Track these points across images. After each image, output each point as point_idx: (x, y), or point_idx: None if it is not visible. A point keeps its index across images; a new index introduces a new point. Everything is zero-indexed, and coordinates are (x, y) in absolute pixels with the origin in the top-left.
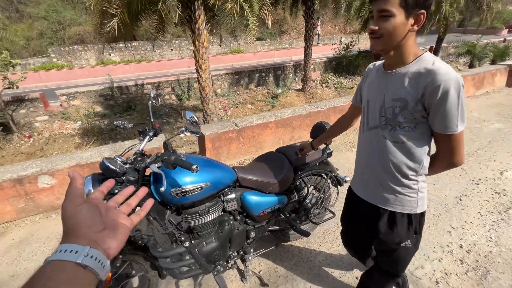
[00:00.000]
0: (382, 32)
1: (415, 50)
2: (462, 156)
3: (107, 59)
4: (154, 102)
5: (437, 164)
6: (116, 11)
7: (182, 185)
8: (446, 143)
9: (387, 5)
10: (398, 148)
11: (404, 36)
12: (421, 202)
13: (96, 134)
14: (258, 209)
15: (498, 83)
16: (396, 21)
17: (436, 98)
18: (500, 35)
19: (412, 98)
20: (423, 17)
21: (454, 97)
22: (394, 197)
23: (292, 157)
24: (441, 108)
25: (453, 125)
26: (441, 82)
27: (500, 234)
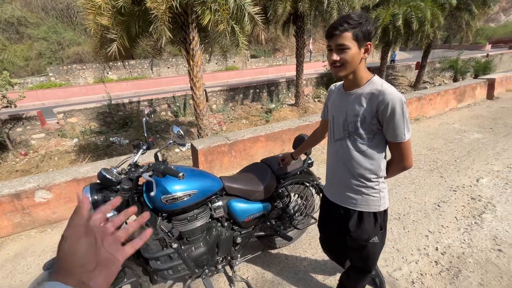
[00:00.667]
0: (342, 62)
1: (366, 74)
2: (411, 160)
3: (105, 77)
4: (148, 119)
5: (392, 168)
6: (115, 36)
7: (172, 192)
8: (397, 149)
9: (343, 40)
10: (360, 156)
11: (359, 63)
12: (383, 201)
13: (92, 151)
14: (243, 215)
15: (478, 96)
16: (352, 52)
17: (387, 113)
18: (484, 50)
19: (368, 114)
20: (370, 46)
21: (399, 112)
22: (361, 198)
23: (275, 167)
24: (391, 122)
25: (401, 135)
26: (389, 100)
27: (473, 237)
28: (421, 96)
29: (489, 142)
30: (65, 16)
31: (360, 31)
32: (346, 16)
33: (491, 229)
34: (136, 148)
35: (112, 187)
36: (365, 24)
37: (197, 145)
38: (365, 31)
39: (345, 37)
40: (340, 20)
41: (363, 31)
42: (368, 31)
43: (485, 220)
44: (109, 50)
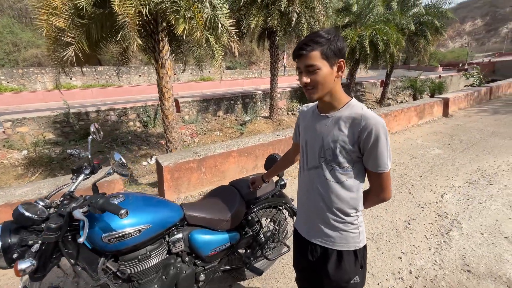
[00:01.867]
0: (313, 84)
1: (343, 96)
2: (390, 192)
3: (67, 83)
4: (94, 137)
5: (369, 200)
6: (72, 39)
7: (115, 230)
8: (377, 180)
9: (312, 61)
10: (339, 187)
11: (333, 83)
12: (363, 236)
13: (44, 164)
14: (207, 249)
15: (436, 113)
16: (324, 72)
17: (370, 141)
18: (437, 72)
19: (349, 140)
20: (343, 63)
21: (383, 139)
22: (339, 235)
23: (244, 191)
24: (374, 150)
25: (384, 164)
26: (372, 126)
27: (443, 257)
28: (388, 112)
29: (449, 158)
30: (23, 16)
31: (329, 49)
32: (312, 34)
33: (459, 247)
34: (75, 173)
35: (33, 227)
36: (334, 41)
37: (162, 161)
38: (334, 48)
39: (313, 56)
40: (306, 39)
41: (333, 48)
42: (339, 48)
43: (453, 238)
44: (65, 55)
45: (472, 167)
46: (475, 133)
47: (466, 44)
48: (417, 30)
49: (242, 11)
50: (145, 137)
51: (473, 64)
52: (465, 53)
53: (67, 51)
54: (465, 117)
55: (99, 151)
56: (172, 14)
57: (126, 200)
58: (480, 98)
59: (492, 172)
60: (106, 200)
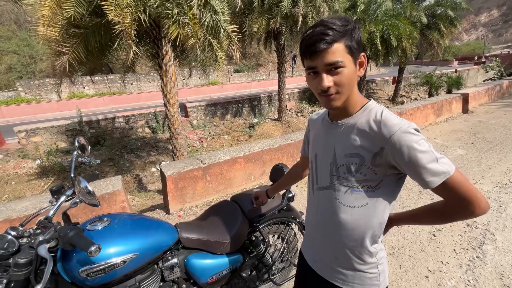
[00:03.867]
0: (337, 88)
1: (360, 98)
2: (480, 200)
3: (80, 92)
4: (79, 153)
5: (451, 216)
6: (67, 49)
7: (96, 262)
8: (447, 192)
9: (336, 57)
10: (356, 213)
11: (355, 82)
12: (383, 277)
13: (56, 173)
14: (206, 275)
15: (455, 110)
16: (349, 71)
17: (400, 153)
18: (452, 66)
19: (368, 153)
20: (365, 58)
21: (416, 146)
22: (352, 274)
23: (247, 207)
24: (413, 163)
25: (437, 172)
26: (397, 135)
27: (477, 276)
28: (402, 111)
29: (473, 159)
30: None
31: (353, 40)
32: (325, 22)
33: (495, 264)
34: (55, 194)
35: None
36: (355, 29)
37: (166, 170)
38: (357, 39)
39: (337, 51)
40: (321, 28)
41: (356, 39)
42: (359, 39)
43: (487, 253)
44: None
45: (501, 168)
46: (500, 130)
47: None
48: (430, 23)
49: (245, 14)
50: (154, 143)
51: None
52: (481, 46)
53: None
54: (487, 113)
55: (109, 159)
56: (165, 19)
57: (111, 224)
58: (502, 92)
59: None
60: (75, 233)
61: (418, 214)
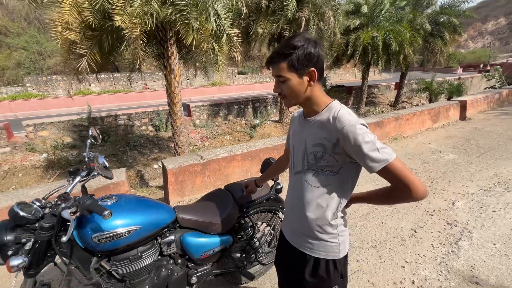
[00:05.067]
0: (285, 93)
1: (324, 100)
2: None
3: (86, 89)
4: (93, 141)
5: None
6: (85, 51)
7: (105, 230)
8: (388, 176)
9: (280, 72)
10: (320, 192)
11: (305, 91)
12: (343, 246)
13: (62, 167)
14: (199, 252)
15: (452, 117)
16: (292, 82)
17: (350, 143)
18: (456, 74)
19: (328, 143)
20: (315, 73)
21: (361, 139)
22: (318, 243)
23: (238, 194)
24: (359, 152)
25: (378, 159)
26: (346, 128)
27: (450, 268)
28: (398, 116)
29: (463, 163)
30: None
31: (297, 59)
32: (283, 44)
33: (468, 258)
34: (72, 175)
35: (27, 225)
36: (302, 49)
37: (167, 164)
38: (302, 56)
39: (281, 68)
40: (276, 49)
41: (301, 58)
42: (308, 55)
43: (462, 248)
44: (79, 65)
45: (488, 173)
46: (494, 137)
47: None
48: (433, 30)
49: (251, 17)
50: (156, 141)
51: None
52: (487, 54)
53: (80, 61)
54: (484, 120)
55: (113, 154)
56: (181, 26)
57: (118, 201)
58: (502, 101)
59: (510, 179)
60: (92, 202)
61: (371, 195)
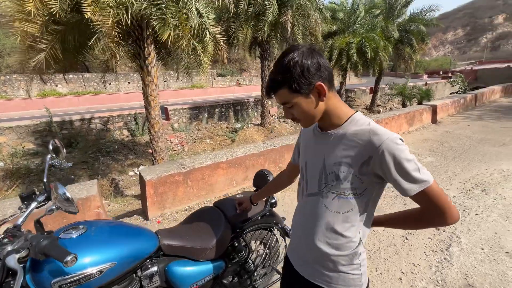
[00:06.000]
0: (298, 118)
1: (344, 110)
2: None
3: (51, 90)
4: (53, 156)
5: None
6: (45, 46)
7: (69, 273)
8: (424, 201)
9: (283, 99)
10: (341, 218)
11: (319, 107)
12: (365, 278)
13: (22, 176)
14: (187, 283)
15: (425, 120)
16: (301, 105)
17: (386, 161)
18: (422, 79)
19: (357, 162)
20: (322, 86)
21: (402, 156)
22: (336, 276)
23: (230, 213)
24: (397, 171)
25: (417, 180)
26: (385, 144)
27: (445, 277)
28: (379, 120)
29: (441, 166)
30: None
31: (295, 82)
32: (275, 68)
33: (461, 265)
34: (25, 201)
35: None
36: (296, 66)
37: (145, 174)
38: (299, 75)
39: (282, 95)
40: (270, 75)
41: (297, 77)
42: (307, 71)
43: (453, 254)
44: (35, 60)
45: (465, 175)
46: (464, 140)
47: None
48: (403, 38)
49: (230, 21)
50: (132, 146)
51: (456, 72)
52: (448, 62)
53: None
54: (453, 123)
55: (83, 162)
56: (156, 21)
57: (87, 231)
58: (466, 105)
59: (485, 181)
60: (50, 243)
61: (394, 218)
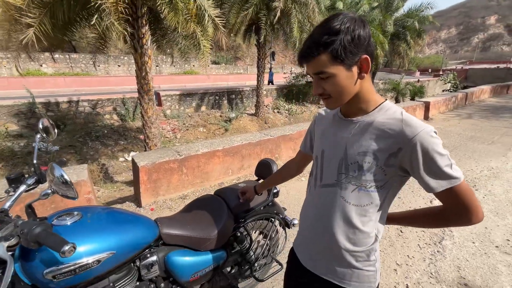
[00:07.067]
0: (329, 93)
1: (374, 97)
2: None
3: (36, 69)
4: (43, 136)
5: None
6: (32, 20)
7: (64, 262)
8: (451, 198)
9: (320, 67)
10: (359, 212)
11: (355, 86)
12: (378, 274)
13: (5, 159)
14: (188, 273)
15: (418, 117)
16: (339, 78)
17: (418, 155)
18: (415, 76)
19: (384, 153)
20: (368, 60)
21: (436, 150)
22: (350, 272)
23: (232, 202)
24: (429, 165)
25: (449, 176)
26: (419, 135)
27: (438, 269)
28: None
29: None
30: None
31: (342, 47)
32: (319, 29)
33: (453, 258)
34: (13, 183)
35: None
36: (348, 32)
37: (139, 160)
38: (350, 42)
39: (321, 62)
40: (309, 39)
41: (347, 44)
42: (358, 40)
43: (446, 247)
44: (24, 38)
45: None
46: (455, 137)
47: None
48: (399, 33)
49: (224, 5)
50: (122, 131)
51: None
52: (440, 60)
53: (26, 33)
54: (444, 121)
55: (70, 145)
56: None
57: (83, 218)
58: (457, 103)
59: (475, 177)
60: (44, 230)
61: (414, 216)
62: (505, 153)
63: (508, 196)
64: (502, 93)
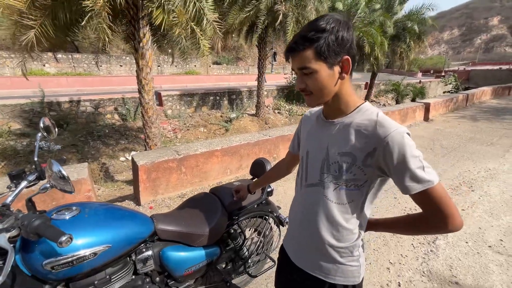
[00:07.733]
0: (311, 89)
1: (353, 98)
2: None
3: (39, 69)
4: (44, 134)
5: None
6: (34, 23)
7: (62, 254)
8: (427, 202)
9: (304, 63)
10: (342, 210)
11: (335, 86)
12: (362, 269)
13: (8, 157)
14: (182, 268)
15: (418, 118)
16: (321, 75)
17: (392, 155)
18: (416, 77)
19: (361, 152)
20: (349, 62)
21: (408, 151)
22: (335, 267)
23: (227, 200)
24: (401, 167)
25: (422, 179)
26: (391, 136)
27: (431, 268)
28: None
29: (431, 163)
30: None
31: (326, 45)
32: (307, 26)
33: (446, 257)
34: (15, 179)
35: None
36: (333, 32)
37: (138, 159)
38: (333, 42)
39: (305, 57)
40: (298, 34)
41: (331, 43)
42: (341, 40)
43: (439, 247)
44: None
45: (453, 172)
46: (454, 138)
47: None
48: (400, 35)
49: (227, 5)
50: (123, 131)
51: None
52: (443, 61)
53: (27, 34)
54: (444, 122)
55: (73, 145)
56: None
57: (81, 213)
58: (458, 105)
59: (472, 178)
60: (43, 222)
61: (396, 222)
62: (503, 154)
63: (504, 197)
64: (503, 95)
